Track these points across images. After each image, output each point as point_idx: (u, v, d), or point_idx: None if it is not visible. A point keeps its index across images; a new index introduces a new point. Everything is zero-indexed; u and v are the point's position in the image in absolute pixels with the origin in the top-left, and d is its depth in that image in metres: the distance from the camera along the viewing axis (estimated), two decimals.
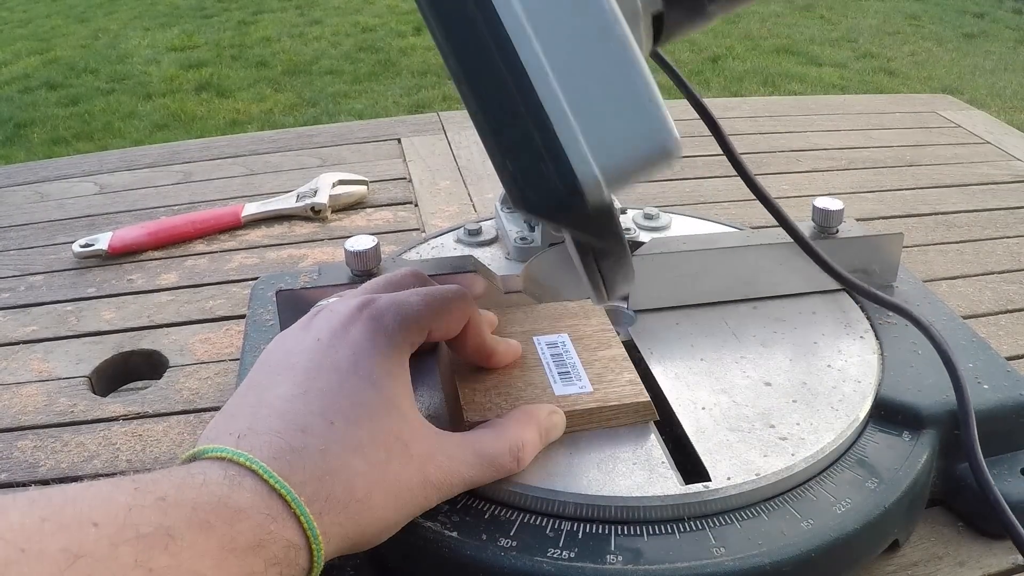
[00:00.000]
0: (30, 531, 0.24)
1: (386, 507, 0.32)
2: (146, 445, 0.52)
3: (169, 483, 0.28)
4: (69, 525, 0.25)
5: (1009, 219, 0.79)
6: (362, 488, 0.32)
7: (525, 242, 0.56)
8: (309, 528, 0.30)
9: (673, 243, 0.51)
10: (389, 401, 0.34)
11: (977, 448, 0.40)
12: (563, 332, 0.46)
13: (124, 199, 0.84)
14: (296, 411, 0.33)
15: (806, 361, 0.46)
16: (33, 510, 0.25)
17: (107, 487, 0.27)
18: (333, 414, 0.33)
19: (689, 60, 3.50)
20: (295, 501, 0.30)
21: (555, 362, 0.43)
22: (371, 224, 0.78)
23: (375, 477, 0.32)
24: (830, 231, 0.53)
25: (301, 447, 0.31)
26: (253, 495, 0.29)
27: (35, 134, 2.90)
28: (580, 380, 0.42)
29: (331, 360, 0.34)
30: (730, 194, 0.82)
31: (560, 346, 0.45)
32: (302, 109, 3.09)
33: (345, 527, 0.31)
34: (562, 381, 0.42)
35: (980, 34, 3.90)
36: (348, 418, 0.33)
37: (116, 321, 0.64)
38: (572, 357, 0.44)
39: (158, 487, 0.28)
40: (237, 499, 0.29)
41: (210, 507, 0.28)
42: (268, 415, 0.33)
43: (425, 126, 1.01)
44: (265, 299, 0.53)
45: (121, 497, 0.27)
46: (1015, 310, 0.65)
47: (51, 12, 4.52)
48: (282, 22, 4.20)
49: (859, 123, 1.02)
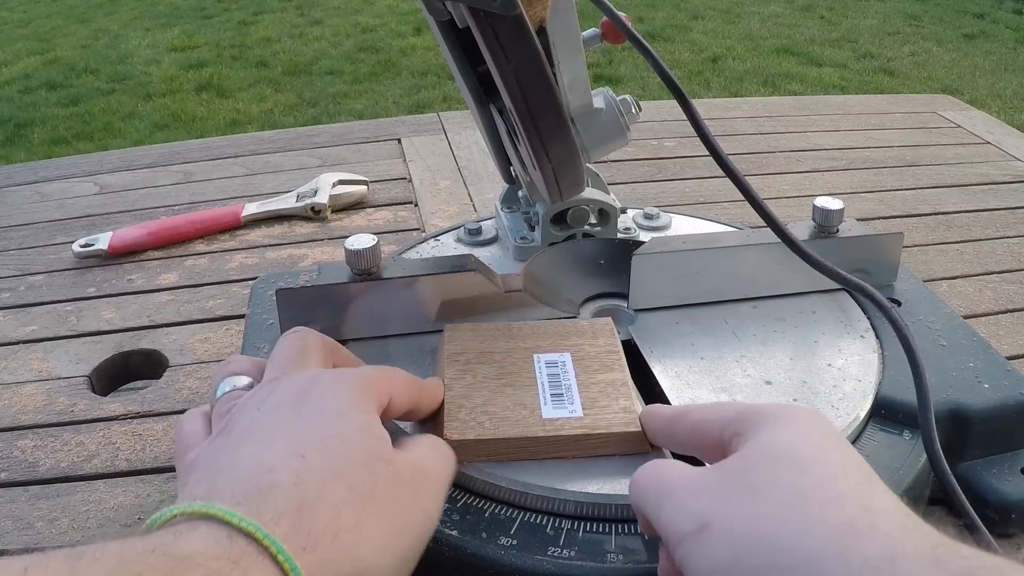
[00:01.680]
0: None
1: (385, 533, 0.29)
2: (146, 445, 0.52)
3: (99, 549, 0.24)
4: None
5: (1009, 219, 0.79)
6: (349, 516, 0.28)
7: (525, 242, 0.56)
8: (291, 568, 0.25)
9: (673, 243, 0.51)
10: (362, 426, 0.31)
11: (932, 426, 0.40)
12: (566, 351, 0.44)
13: (124, 199, 0.84)
14: (261, 458, 0.29)
15: (806, 360, 0.46)
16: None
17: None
18: (303, 448, 0.29)
19: (689, 60, 3.50)
20: (267, 537, 0.25)
21: (550, 382, 0.41)
22: (371, 224, 0.78)
23: (361, 502, 0.28)
24: (830, 230, 0.53)
25: (270, 485, 0.27)
26: (206, 540, 0.25)
27: (35, 134, 2.90)
28: (572, 404, 0.40)
29: (296, 413, 0.31)
30: (730, 194, 0.82)
31: (559, 366, 0.43)
32: (302, 109, 3.09)
33: (340, 564, 0.27)
34: (553, 403, 0.40)
35: (980, 34, 3.90)
36: (320, 448, 0.29)
37: (116, 321, 0.64)
38: (569, 378, 0.42)
39: (87, 556, 0.23)
40: (182, 547, 0.24)
41: (139, 560, 0.23)
42: (230, 474, 0.29)
43: (425, 126, 1.01)
44: (265, 299, 0.53)
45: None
46: (1015, 310, 0.65)
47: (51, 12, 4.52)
48: (282, 22, 4.20)
49: (859, 123, 1.02)
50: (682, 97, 0.44)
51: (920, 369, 0.41)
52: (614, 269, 0.53)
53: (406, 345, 0.48)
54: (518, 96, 0.43)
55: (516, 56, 0.41)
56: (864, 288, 0.45)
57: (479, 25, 0.40)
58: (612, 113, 0.50)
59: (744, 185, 0.45)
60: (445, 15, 0.44)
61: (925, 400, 0.40)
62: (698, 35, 3.84)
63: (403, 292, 0.48)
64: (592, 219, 0.55)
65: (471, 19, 0.40)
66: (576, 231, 0.55)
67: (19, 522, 0.46)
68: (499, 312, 0.49)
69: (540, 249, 0.54)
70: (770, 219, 0.45)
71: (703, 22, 4.03)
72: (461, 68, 0.48)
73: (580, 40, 0.46)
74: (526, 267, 0.52)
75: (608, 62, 3.38)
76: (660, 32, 3.85)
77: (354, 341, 0.48)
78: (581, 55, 0.47)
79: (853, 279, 0.46)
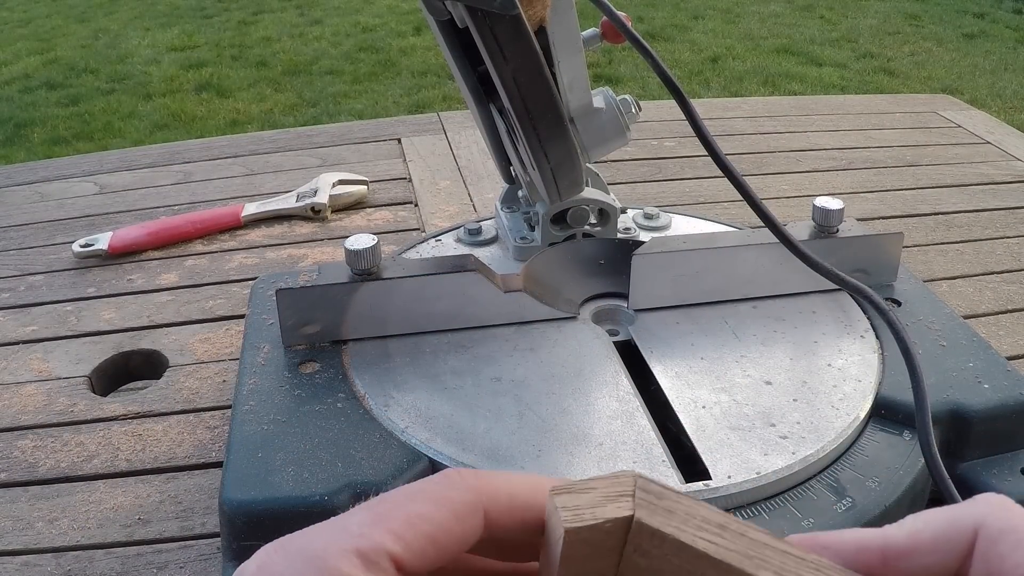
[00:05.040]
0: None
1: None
2: (146, 445, 0.52)
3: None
4: None
5: (1009, 219, 0.79)
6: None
7: (525, 242, 0.56)
8: None
9: (673, 243, 0.51)
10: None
11: (930, 430, 0.39)
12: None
13: (124, 199, 0.84)
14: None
15: (806, 360, 0.46)
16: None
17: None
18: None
19: (689, 60, 3.50)
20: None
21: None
22: (371, 224, 0.78)
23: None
24: (830, 230, 0.53)
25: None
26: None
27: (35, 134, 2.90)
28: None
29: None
30: (730, 194, 0.82)
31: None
32: (302, 109, 3.09)
33: None
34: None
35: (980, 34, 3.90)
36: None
37: (116, 321, 0.64)
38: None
39: None
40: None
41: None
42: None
43: (425, 126, 1.01)
44: (265, 299, 0.53)
45: None
46: (1015, 310, 0.65)
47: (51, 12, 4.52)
48: (282, 22, 4.19)
49: (859, 123, 1.02)
50: (681, 97, 0.44)
51: (917, 372, 0.41)
52: (614, 269, 0.53)
53: (406, 345, 0.48)
54: (516, 97, 0.43)
55: (514, 57, 0.41)
56: (861, 289, 0.45)
57: (477, 25, 0.40)
58: (612, 113, 0.50)
59: (742, 185, 0.45)
60: (445, 15, 0.44)
61: (922, 404, 0.40)
62: (698, 35, 3.84)
63: (403, 292, 0.48)
64: (592, 219, 0.55)
65: (470, 19, 0.40)
66: (576, 231, 0.55)
67: (19, 522, 0.46)
68: (499, 312, 0.49)
69: (540, 249, 0.54)
70: (768, 219, 0.45)
71: (703, 22, 4.03)
72: (461, 68, 0.48)
73: (580, 40, 0.46)
74: (526, 267, 0.52)
75: (608, 62, 3.38)
76: (660, 32, 3.85)
77: (354, 341, 0.48)
78: (581, 55, 0.47)
79: (851, 280, 0.46)
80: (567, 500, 0.21)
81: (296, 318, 0.48)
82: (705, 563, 0.21)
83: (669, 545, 0.21)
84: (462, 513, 0.21)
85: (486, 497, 0.22)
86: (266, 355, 0.48)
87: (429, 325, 0.49)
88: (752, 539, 0.22)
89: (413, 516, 0.21)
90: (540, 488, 0.22)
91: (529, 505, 0.22)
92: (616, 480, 0.22)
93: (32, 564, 0.44)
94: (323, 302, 0.48)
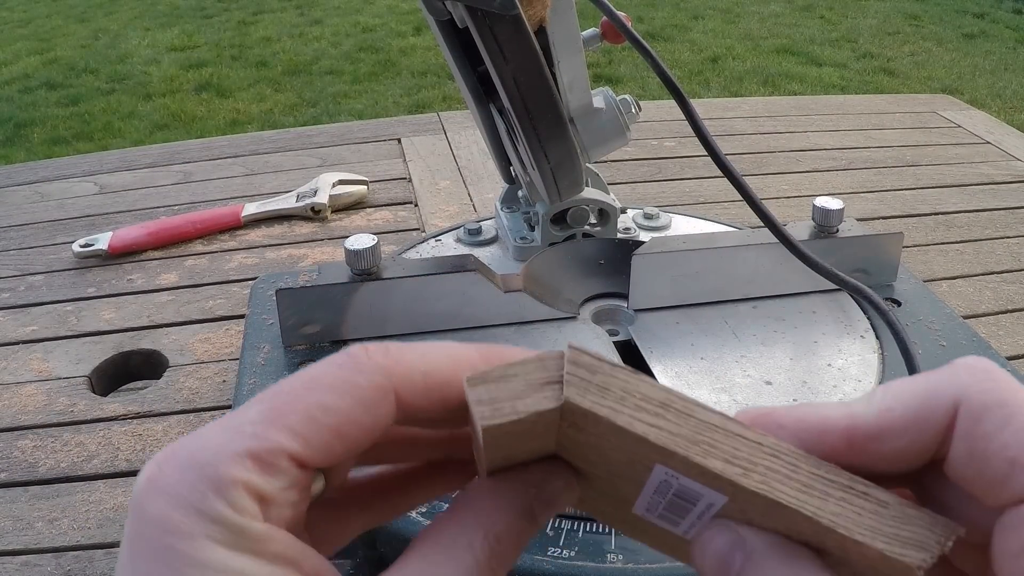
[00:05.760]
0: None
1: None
2: (146, 445, 0.52)
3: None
4: None
5: (1009, 219, 0.79)
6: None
7: (525, 242, 0.56)
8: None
9: (673, 243, 0.51)
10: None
11: None
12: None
13: (124, 199, 0.84)
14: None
15: (806, 360, 0.46)
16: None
17: None
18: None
19: (689, 60, 3.50)
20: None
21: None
22: (371, 224, 0.78)
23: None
24: (830, 230, 0.53)
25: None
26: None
27: (35, 134, 2.90)
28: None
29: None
30: (730, 194, 0.82)
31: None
32: (302, 109, 3.09)
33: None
34: None
35: (980, 34, 3.90)
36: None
37: (116, 321, 0.64)
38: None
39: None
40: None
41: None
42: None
43: (425, 126, 1.01)
44: (265, 299, 0.53)
45: None
46: (1015, 310, 0.65)
47: (51, 12, 4.52)
48: (282, 22, 4.20)
49: (859, 123, 1.02)
50: (681, 97, 0.44)
51: (917, 373, 0.41)
52: (614, 269, 0.53)
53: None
54: (516, 97, 0.43)
55: (514, 57, 0.41)
56: (861, 289, 0.45)
57: (477, 25, 0.40)
58: (612, 113, 0.50)
59: (742, 185, 0.45)
60: (445, 15, 0.44)
61: None
62: (698, 35, 3.84)
63: (403, 292, 0.48)
64: (592, 219, 0.55)
65: (469, 19, 0.40)
66: (576, 231, 0.55)
67: (19, 522, 0.46)
68: (499, 312, 0.49)
69: (540, 249, 0.54)
70: (768, 219, 0.45)
71: (703, 22, 4.03)
72: (461, 68, 0.48)
73: (580, 40, 0.47)
74: (526, 267, 0.52)
75: (608, 62, 3.38)
76: (660, 32, 3.85)
77: (354, 341, 0.48)
78: (581, 55, 0.47)
79: (851, 280, 0.46)
80: (484, 392, 0.19)
81: (296, 318, 0.48)
82: (646, 447, 0.19)
83: (604, 427, 0.19)
84: (369, 400, 0.19)
85: (397, 378, 0.19)
86: (266, 355, 0.48)
87: (429, 325, 0.49)
88: (699, 420, 0.19)
89: (313, 408, 0.19)
90: (460, 362, 0.20)
91: (448, 381, 0.20)
92: (541, 363, 0.19)
93: (32, 564, 0.44)
94: (323, 302, 0.48)
